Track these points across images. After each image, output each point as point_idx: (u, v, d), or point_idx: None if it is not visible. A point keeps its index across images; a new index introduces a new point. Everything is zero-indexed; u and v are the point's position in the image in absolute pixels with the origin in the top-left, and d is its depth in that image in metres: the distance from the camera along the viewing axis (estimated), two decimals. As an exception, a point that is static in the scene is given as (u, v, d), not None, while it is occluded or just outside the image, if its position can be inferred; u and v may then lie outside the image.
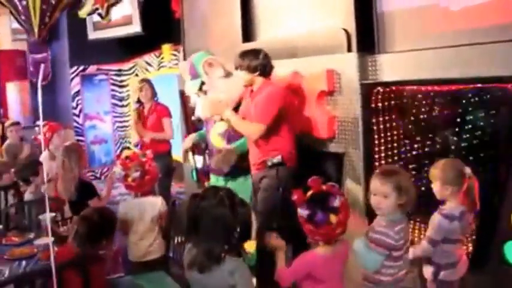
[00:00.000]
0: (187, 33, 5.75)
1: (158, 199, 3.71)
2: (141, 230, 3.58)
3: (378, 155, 3.41)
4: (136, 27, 7.50)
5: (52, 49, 8.19)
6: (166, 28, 6.95)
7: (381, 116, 3.40)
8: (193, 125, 5.27)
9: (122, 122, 8.82)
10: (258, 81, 3.68)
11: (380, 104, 3.39)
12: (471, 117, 3.14)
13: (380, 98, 3.39)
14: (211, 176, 4.21)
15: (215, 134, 4.06)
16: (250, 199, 3.74)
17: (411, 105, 3.41)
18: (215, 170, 4.09)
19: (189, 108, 5.10)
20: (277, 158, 3.55)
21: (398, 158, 3.43)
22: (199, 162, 4.46)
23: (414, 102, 3.39)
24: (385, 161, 3.41)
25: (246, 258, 2.41)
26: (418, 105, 3.38)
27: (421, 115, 3.38)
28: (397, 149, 3.43)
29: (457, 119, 3.19)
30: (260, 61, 3.64)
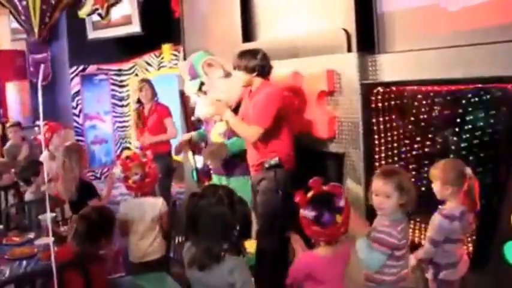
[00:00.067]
0: (187, 33, 5.75)
1: (159, 200, 3.71)
2: (141, 230, 3.58)
3: (378, 155, 3.41)
4: (135, 27, 7.50)
5: (52, 49, 8.19)
6: (166, 28, 6.94)
7: (381, 116, 3.40)
8: (193, 125, 5.27)
9: (122, 122, 8.80)
10: (256, 82, 3.66)
11: (380, 104, 3.39)
12: (471, 117, 3.14)
13: (380, 98, 3.39)
14: (213, 176, 4.21)
15: (216, 133, 4.06)
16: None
17: (411, 106, 3.40)
18: (216, 169, 4.10)
19: (189, 108, 5.10)
20: (275, 160, 3.53)
21: (399, 158, 3.43)
22: (199, 163, 4.47)
23: (414, 103, 3.39)
24: (385, 161, 3.41)
25: (246, 257, 2.41)
26: (418, 106, 3.37)
27: (421, 115, 3.37)
28: (397, 149, 3.43)
29: (457, 119, 3.18)
30: (258, 61, 3.60)
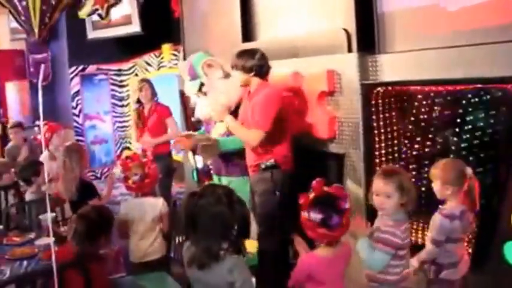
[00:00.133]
0: (187, 33, 5.74)
1: (159, 200, 3.71)
2: (141, 231, 3.59)
3: (378, 156, 3.41)
4: (135, 27, 7.50)
5: (51, 49, 8.18)
6: (166, 28, 6.94)
7: (381, 117, 3.40)
8: (193, 125, 5.27)
9: (122, 122, 8.80)
10: (254, 82, 3.62)
11: (380, 105, 3.39)
12: (471, 117, 3.14)
13: (380, 98, 3.38)
14: (213, 176, 4.20)
15: (216, 134, 4.06)
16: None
17: (411, 106, 3.41)
18: (217, 170, 4.10)
19: (189, 108, 5.10)
20: (270, 161, 3.51)
21: (399, 159, 3.43)
22: (199, 163, 4.47)
23: (414, 103, 3.40)
24: (385, 161, 3.40)
25: (247, 257, 2.41)
26: (418, 106, 3.38)
27: (421, 115, 3.38)
28: (397, 149, 3.43)
29: (457, 120, 3.19)
30: (255, 62, 3.56)
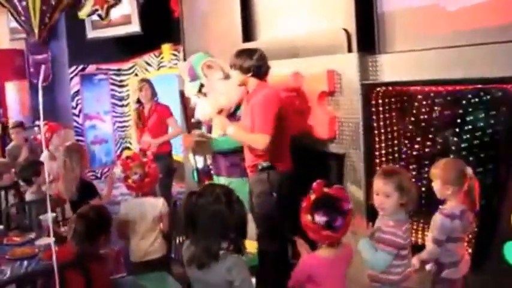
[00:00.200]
0: (187, 33, 5.74)
1: (160, 200, 3.71)
2: (142, 230, 3.59)
3: (378, 156, 3.41)
4: (135, 27, 7.50)
5: (51, 49, 8.20)
6: (166, 28, 6.94)
7: (381, 117, 3.40)
8: (194, 126, 5.27)
9: (122, 121, 8.80)
10: (251, 83, 3.59)
11: (380, 105, 3.39)
12: (471, 118, 3.14)
13: (380, 98, 3.39)
14: (214, 177, 4.21)
15: (216, 135, 4.06)
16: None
17: (412, 106, 3.41)
18: (217, 170, 4.10)
19: (190, 109, 5.10)
20: (267, 162, 3.51)
21: (399, 159, 3.44)
22: (200, 163, 4.47)
23: (414, 103, 3.40)
24: (385, 161, 3.41)
25: (247, 257, 2.42)
26: (418, 106, 3.38)
27: (421, 116, 3.38)
28: (397, 149, 3.44)
29: (457, 120, 3.19)
30: (254, 62, 3.53)
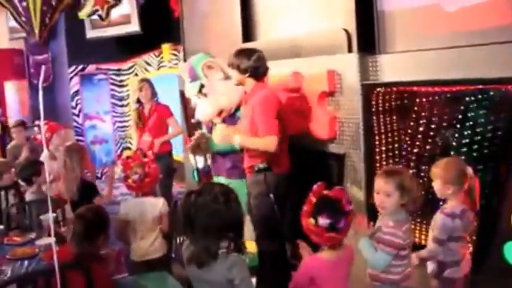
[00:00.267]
0: (187, 33, 5.75)
1: (160, 200, 3.71)
2: (142, 230, 3.59)
3: (378, 156, 3.41)
4: (135, 27, 7.50)
5: (50, 48, 8.18)
6: (166, 27, 6.94)
7: (381, 117, 3.40)
8: (194, 126, 5.27)
9: (122, 121, 8.80)
10: (249, 83, 3.59)
11: (381, 105, 3.40)
12: (471, 118, 3.14)
13: (381, 98, 3.39)
14: (214, 177, 4.21)
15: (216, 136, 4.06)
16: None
17: (412, 106, 3.41)
18: (217, 171, 4.10)
19: (190, 109, 5.11)
20: (263, 164, 3.51)
21: (400, 159, 3.44)
22: (200, 163, 4.47)
23: (415, 103, 3.40)
24: (386, 161, 3.41)
25: (248, 258, 2.42)
26: (418, 106, 3.38)
27: (421, 116, 3.38)
28: (398, 149, 3.44)
29: (457, 120, 3.19)
30: (251, 63, 3.52)
